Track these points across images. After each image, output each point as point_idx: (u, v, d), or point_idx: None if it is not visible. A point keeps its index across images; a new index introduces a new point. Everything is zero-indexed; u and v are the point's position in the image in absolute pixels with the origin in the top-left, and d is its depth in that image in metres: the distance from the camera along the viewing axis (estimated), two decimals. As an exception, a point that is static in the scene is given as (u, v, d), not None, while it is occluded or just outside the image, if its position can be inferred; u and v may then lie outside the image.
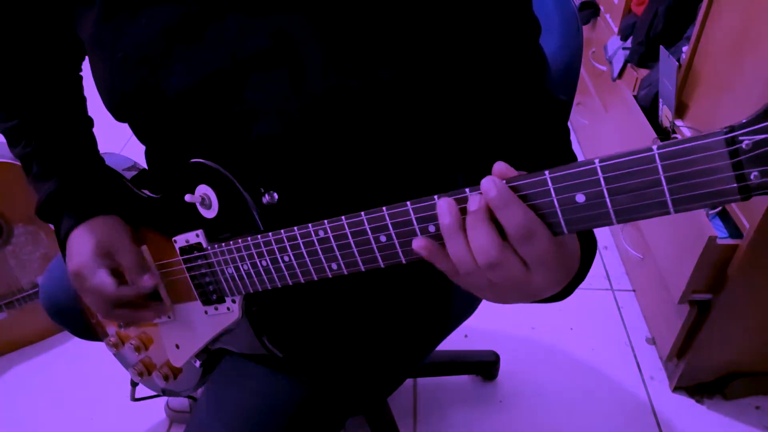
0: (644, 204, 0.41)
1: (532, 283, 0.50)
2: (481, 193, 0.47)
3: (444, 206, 0.49)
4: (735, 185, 0.37)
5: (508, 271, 0.49)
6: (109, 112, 0.75)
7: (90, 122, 0.89)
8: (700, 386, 1.53)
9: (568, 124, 0.78)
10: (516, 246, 0.48)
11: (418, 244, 0.52)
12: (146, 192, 0.82)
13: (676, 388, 1.54)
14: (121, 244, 0.79)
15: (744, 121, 0.36)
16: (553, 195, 0.44)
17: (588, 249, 0.62)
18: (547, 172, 0.44)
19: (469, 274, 0.50)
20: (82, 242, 0.79)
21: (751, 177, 0.36)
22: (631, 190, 0.41)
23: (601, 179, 0.42)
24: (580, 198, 0.43)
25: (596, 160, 0.42)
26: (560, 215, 0.45)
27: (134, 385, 1.02)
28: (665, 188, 0.39)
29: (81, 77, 0.90)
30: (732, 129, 0.36)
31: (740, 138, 0.36)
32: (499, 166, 0.48)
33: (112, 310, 0.79)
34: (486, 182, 0.46)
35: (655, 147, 0.39)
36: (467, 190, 0.49)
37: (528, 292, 0.52)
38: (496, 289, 0.52)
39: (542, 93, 0.68)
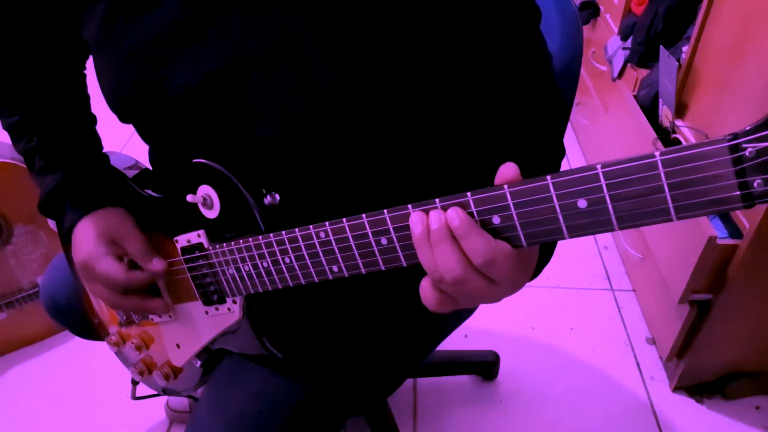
0: (646, 211, 0.41)
1: (497, 293, 0.54)
2: (443, 210, 0.51)
3: (416, 218, 0.52)
4: (738, 193, 0.37)
5: (473, 286, 0.52)
6: (113, 112, 0.75)
7: (93, 119, 0.89)
8: (700, 386, 1.53)
9: (569, 124, 0.78)
10: (480, 270, 0.51)
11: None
12: (149, 191, 0.82)
13: (676, 388, 1.54)
14: (127, 231, 0.79)
15: (748, 128, 0.36)
16: (555, 201, 0.44)
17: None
18: (549, 177, 0.44)
19: (439, 281, 0.53)
20: (87, 234, 0.79)
21: (755, 185, 0.36)
22: (633, 196, 0.41)
23: (603, 185, 0.42)
24: (582, 204, 0.43)
25: (598, 166, 0.42)
26: (562, 221, 0.45)
27: (135, 383, 1.02)
28: (668, 195, 0.39)
29: (85, 75, 0.90)
30: (735, 136, 0.36)
31: (744, 145, 0.36)
32: (507, 170, 0.49)
33: (121, 299, 0.79)
34: (450, 211, 0.50)
35: (657, 153, 0.39)
36: (437, 201, 0.51)
37: (492, 298, 0.55)
38: (465, 298, 0.55)
39: (544, 80, 0.69)
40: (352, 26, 0.63)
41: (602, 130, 2.17)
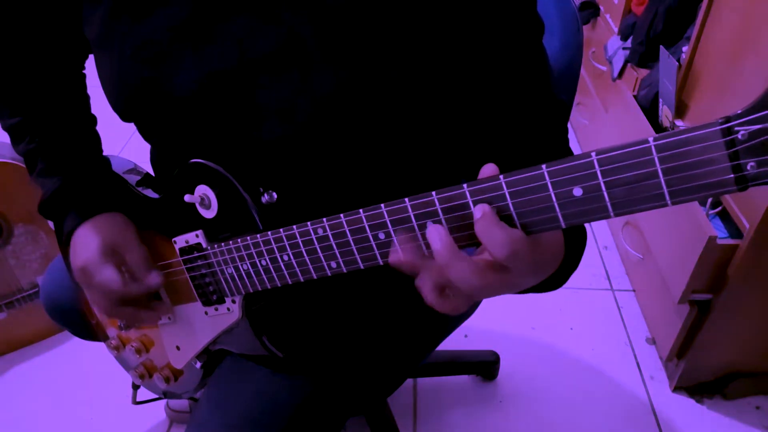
0: (641, 197, 0.41)
1: (513, 284, 0.51)
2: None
3: (434, 233, 0.50)
4: (731, 176, 0.37)
5: (490, 286, 0.50)
6: (115, 110, 0.74)
7: (93, 120, 0.89)
8: (700, 386, 1.53)
9: (569, 124, 0.78)
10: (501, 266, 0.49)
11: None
12: (147, 192, 0.82)
13: (676, 388, 1.53)
14: (127, 241, 0.78)
15: (740, 111, 0.36)
16: (551, 189, 0.44)
17: (575, 236, 0.63)
18: (544, 166, 0.44)
19: (446, 287, 0.52)
20: (88, 239, 0.78)
21: (748, 167, 0.36)
22: (628, 182, 0.41)
23: (598, 172, 0.42)
24: (578, 192, 0.43)
25: (593, 153, 0.41)
26: (558, 209, 0.45)
27: (135, 388, 1.02)
28: (662, 180, 0.39)
29: (84, 75, 0.90)
30: (728, 119, 0.36)
31: (736, 128, 0.36)
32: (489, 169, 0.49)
33: (116, 308, 0.79)
34: (431, 233, 0.49)
35: (651, 139, 0.39)
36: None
37: (506, 291, 0.53)
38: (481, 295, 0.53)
39: (544, 92, 0.68)
40: (357, 29, 0.63)
41: (602, 130, 2.17)
